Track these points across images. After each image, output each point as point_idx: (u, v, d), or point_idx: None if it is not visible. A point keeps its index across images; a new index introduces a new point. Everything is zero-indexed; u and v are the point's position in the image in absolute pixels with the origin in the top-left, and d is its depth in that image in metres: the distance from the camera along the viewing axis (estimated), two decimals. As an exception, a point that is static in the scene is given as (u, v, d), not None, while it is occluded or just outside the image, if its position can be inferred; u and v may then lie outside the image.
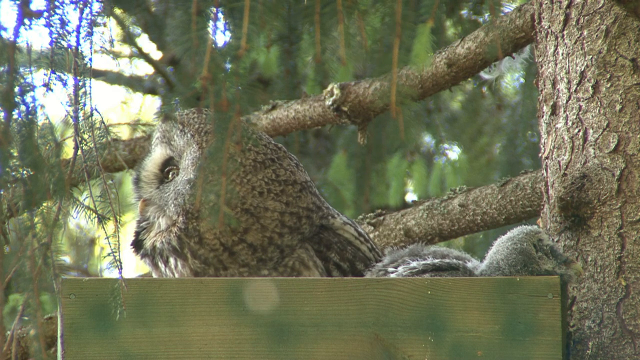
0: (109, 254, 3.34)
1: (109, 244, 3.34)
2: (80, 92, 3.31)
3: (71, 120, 3.35)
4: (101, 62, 9.12)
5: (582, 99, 3.88)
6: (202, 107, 2.98)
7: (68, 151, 3.38)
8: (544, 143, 3.99)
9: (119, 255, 3.34)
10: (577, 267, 3.53)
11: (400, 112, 2.81)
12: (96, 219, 3.38)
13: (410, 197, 8.46)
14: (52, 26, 3.23)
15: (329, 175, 7.92)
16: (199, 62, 2.84)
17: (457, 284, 3.43)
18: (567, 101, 3.92)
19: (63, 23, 3.25)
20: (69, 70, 3.29)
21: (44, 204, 3.21)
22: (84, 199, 3.39)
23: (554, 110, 3.96)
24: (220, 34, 2.95)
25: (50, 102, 3.26)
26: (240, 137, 2.78)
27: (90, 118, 3.35)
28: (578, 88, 3.90)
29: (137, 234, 3.88)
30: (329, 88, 5.04)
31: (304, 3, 2.89)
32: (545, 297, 3.41)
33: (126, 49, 9.05)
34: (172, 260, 3.76)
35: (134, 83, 9.23)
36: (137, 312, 3.43)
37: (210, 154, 2.84)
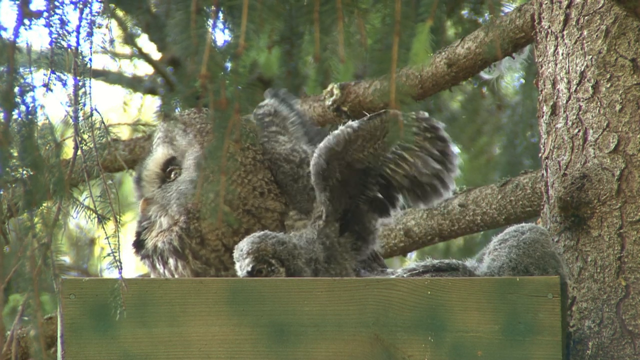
0: (109, 254, 3.34)
1: (109, 244, 3.34)
2: (80, 92, 3.31)
3: (71, 120, 3.35)
4: (101, 62, 9.12)
5: (582, 99, 3.88)
6: (201, 105, 2.97)
7: (68, 151, 3.38)
8: (544, 143, 3.99)
9: (119, 255, 3.34)
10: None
11: (399, 110, 2.81)
12: (96, 219, 3.38)
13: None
14: (52, 26, 3.23)
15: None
16: (198, 61, 2.84)
17: (457, 284, 3.43)
18: (567, 101, 3.92)
19: (63, 23, 3.25)
20: (68, 70, 3.29)
21: (44, 204, 3.21)
22: (84, 199, 3.39)
23: (554, 110, 3.96)
24: (220, 33, 2.95)
25: (50, 102, 3.26)
26: (239, 135, 2.78)
27: (90, 118, 3.35)
28: (578, 88, 3.90)
29: (139, 234, 3.88)
30: (329, 88, 5.04)
31: (304, 2, 2.89)
32: (545, 297, 3.41)
33: (126, 50, 9.05)
34: (171, 262, 3.76)
35: (134, 83, 9.22)
36: (137, 312, 3.43)
37: (210, 153, 2.85)
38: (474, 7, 6.62)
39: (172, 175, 3.87)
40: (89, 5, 3.28)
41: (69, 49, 3.28)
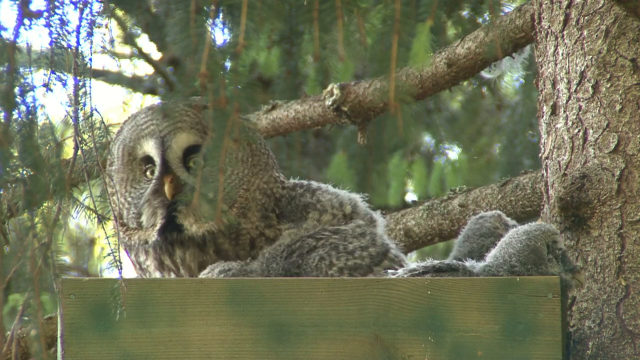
0: (109, 254, 3.34)
1: (109, 244, 3.34)
2: (80, 92, 3.32)
3: (71, 120, 3.35)
4: (101, 62, 9.13)
5: (582, 99, 3.88)
6: (200, 104, 2.96)
7: (68, 151, 3.38)
8: (544, 143, 3.99)
9: (119, 255, 3.34)
10: (581, 278, 3.52)
11: (399, 108, 2.81)
12: (96, 219, 3.38)
13: (411, 197, 8.47)
14: (52, 26, 3.23)
15: (329, 176, 7.92)
16: (198, 60, 2.84)
17: (457, 284, 3.43)
18: (567, 101, 3.92)
19: (63, 23, 3.25)
20: (68, 70, 3.30)
21: (44, 204, 3.21)
22: (84, 199, 3.39)
23: (554, 110, 3.96)
24: (219, 33, 2.96)
25: (50, 102, 3.26)
26: (238, 134, 2.79)
27: (90, 118, 3.35)
28: (578, 88, 3.90)
29: (170, 215, 3.76)
30: (329, 88, 5.04)
31: (304, 1, 2.89)
32: (545, 297, 3.41)
33: (126, 50, 9.06)
34: (178, 253, 3.74)
35: (134, 83, 9.23)
36: (137, 312, 3.43)
37: (209, 152, 2.85)
38: (474, 7, 6.62)
39: (192, 164, 3.79)
40: (89, 5, 3.28)
41: (69, 49, 3.28)
